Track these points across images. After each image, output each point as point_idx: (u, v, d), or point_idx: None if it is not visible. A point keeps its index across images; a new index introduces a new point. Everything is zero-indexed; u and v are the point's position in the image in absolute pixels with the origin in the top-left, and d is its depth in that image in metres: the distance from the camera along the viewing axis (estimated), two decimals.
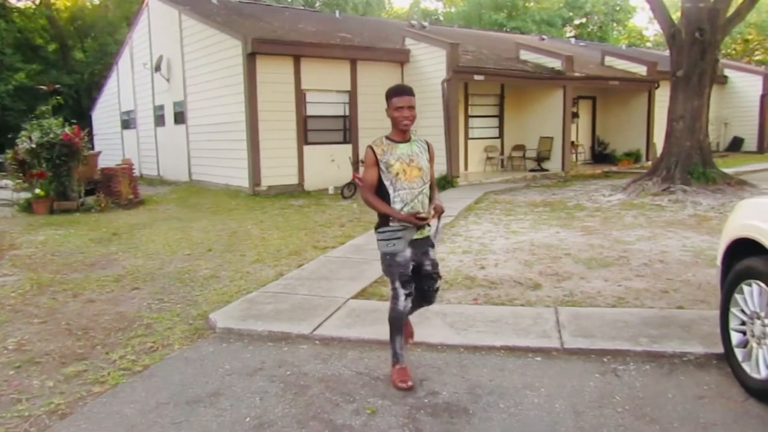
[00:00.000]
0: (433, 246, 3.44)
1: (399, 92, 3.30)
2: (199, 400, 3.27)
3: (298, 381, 3.48)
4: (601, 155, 18.94)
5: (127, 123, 20.81)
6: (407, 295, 3.32)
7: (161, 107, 17.60)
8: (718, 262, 3.51)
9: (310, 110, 13.60)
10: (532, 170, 16.08)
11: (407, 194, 3.29)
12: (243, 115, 12.78)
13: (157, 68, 16.92)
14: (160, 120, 17.86)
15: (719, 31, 11.47)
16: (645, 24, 48.09)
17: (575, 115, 17.94)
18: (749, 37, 41.09)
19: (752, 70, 24.19)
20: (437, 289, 3.51)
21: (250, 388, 3.40)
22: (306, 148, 13.51)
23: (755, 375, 3.03)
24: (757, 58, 40.73)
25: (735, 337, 3.25)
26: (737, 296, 3.20)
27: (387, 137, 3.37)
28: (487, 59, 15.55)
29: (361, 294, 5.15)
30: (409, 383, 3.32)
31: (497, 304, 4.81)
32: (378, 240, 3.31)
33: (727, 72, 23.54)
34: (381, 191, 3.31)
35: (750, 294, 3.09)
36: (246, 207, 11.13)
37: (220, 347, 4.04)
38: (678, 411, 2.98)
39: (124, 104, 20.92)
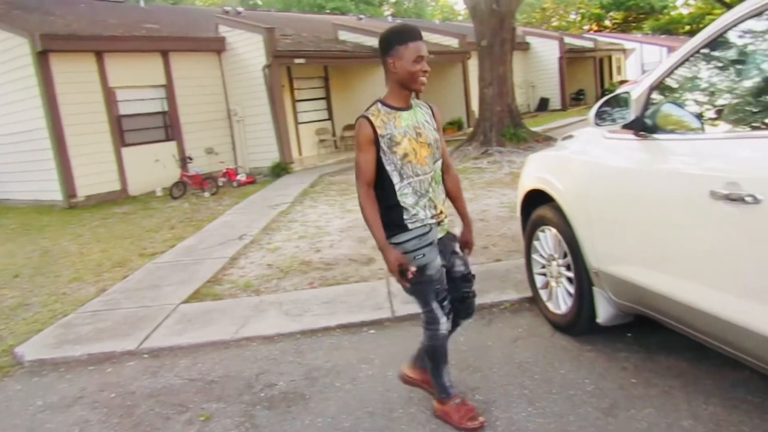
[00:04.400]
0: (457, 239, 2.62)
1: (412, 35, 2.32)
2: None
3: (125, 402, 3.22)
4: None
5: None
6: (448, 315, 2.51)
7: None
8: (518, 213, 3.82)
9: (124, 109, 12.60)
10: None
11: (420, 183, 2.39)
12: (43, 121, 11.44)
13: None
14: None
15: (513, 1, 12.45)
16: None
17: None
18: (546, 5, 45.30)
19: (549, 35, 26.77)
20: (474, 294, 2.64)
21: (68, 421, 3.08)
22: (125, 150, 12.52)
23: (557, 311, 3.36)
24: (554, 24, 45.14)
25: (539, 280, 3.57)
26: (535, 242, 3.51)
27: (383, 103, 2.41)
28: (307, 42, 15.50)
29: (194, 296, 4.90)
30: (481, 419, 2.55)
31: (332, 284, 4.84)
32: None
33: (528, 39, 25.80)
34: (378, 183, 2.41)
35: (545, 239, 3.41)
36: (61, 222, 10.08)
37: (30, 382, 3.62)
38: (497, 356, 3.22)
39: None
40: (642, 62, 32.62)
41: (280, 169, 13.46)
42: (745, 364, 2.20)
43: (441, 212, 2.46)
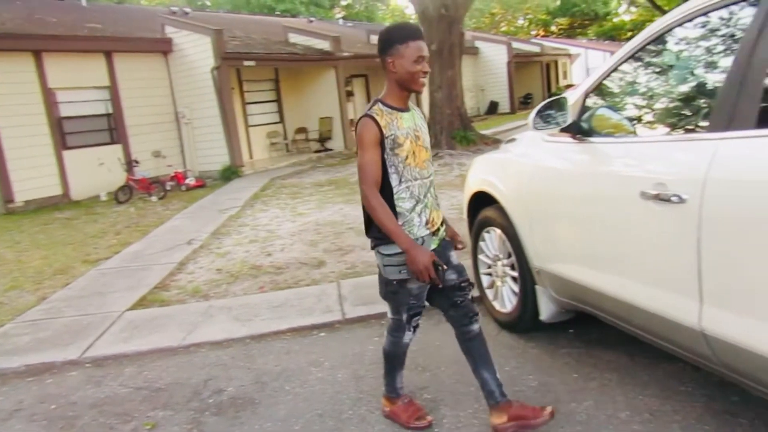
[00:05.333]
0: (452, 248, 2.55)
1: (413, 34, 2.25)
2: None
3: (66, 413, 3.13)
4: None
5: None
6: (415, 329, 2.52)
7: None
8: (464, 214, 3.90)
9: (65, 111, 12.18)
10: (316, 151, 16.36)
11: (419, 187, 2.32)
12: None
13: None
14: None
15: (461, 6, 12.67)
16: (406, 3, 51.35)
17: (350, 93, 18.60)
18: (495, 11, 46.17)
19: (498, 40, 27.32)
20: (472, 300, 2.52)
21: None
22: (66, 154, 12.09)
23: (502, 310, 3.45)
24: (502, 29, 46.05)
25: (485, 280, 3.66)
26: (481, 243, 3.59)
27: (383, 103, 2.31)
28: (257, 44, 15.35)
29: (140, 303, 4.79)
30: (429, 418, 2.59)
31: (283, 288, 4.82)
32: (385, 266, 2.35)
33: (477, 43, 26.26)
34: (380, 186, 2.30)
35: (490, 240, 3.49)
36: None
37: None
38: (445, 356, 3.28)
39: None
40: (587, 67, 33.63)
41: (230, 173, 13.28)
42: (677, 356, 2.31)
43: (434, 220, 2.38)
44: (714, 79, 2.19)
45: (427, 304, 2.50)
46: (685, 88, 2.43)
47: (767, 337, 1.75)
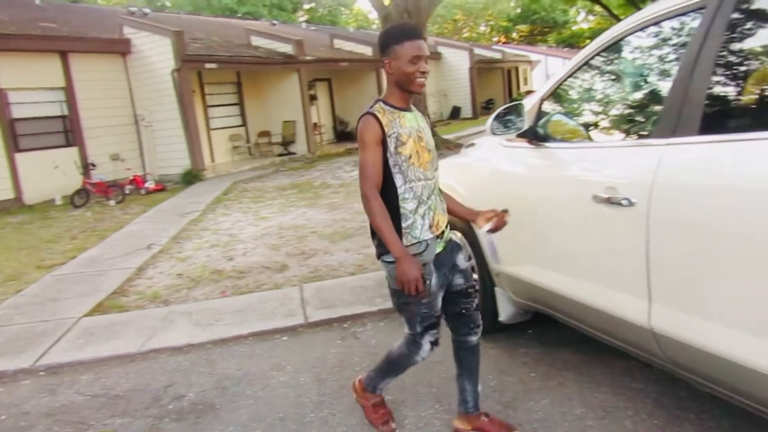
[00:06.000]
0: (460, 249, 2.42)
1: (414, 33, 2.19)
2: None
3: (18, 424, 3.04)
4: (343, 134, 19.97)
5: None
6: (433, 344, 2.34)
7: None
8: None
9: (18, 112, 11.82)
10: (280, 155, 16.27)
11: (423, 188, 2.23)
12: None
13: None
14: None
15: (423, 12, 12.80)
16: (369, 8, 51.57)
17: (314, 97, 18.57)
18: (457, 17, 46.75)
19: (460, 46, 27.66)
20: (477, 309, 2.44)
21: None
22: (19, 156, 11.73)
23: None
24: (465, 35, 46.65)
25: None
26: None
27: (385, 102, 2.24)
28: (218, 46, 15.19)
29: (97, 309, 4.69)
30: (393, 425, 2.57)
31: (245, 292, 4.78)
32: (390, 274, 2.22)
33: (440, 49, 26.52)
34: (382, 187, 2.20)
35: None
36: None
37: None
38: None
39: None
40: (547, 73, 34.33)
41: (191, 177, 13.09)
42: (630, 354, 2.39)
43: (439, 223, 2.28)
44: (662, 86, 2.28)
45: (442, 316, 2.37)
46: (635, 95, 2.53)
47: (711, 334, 1.84)
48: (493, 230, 2.36)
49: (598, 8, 22.86)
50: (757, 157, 1.71)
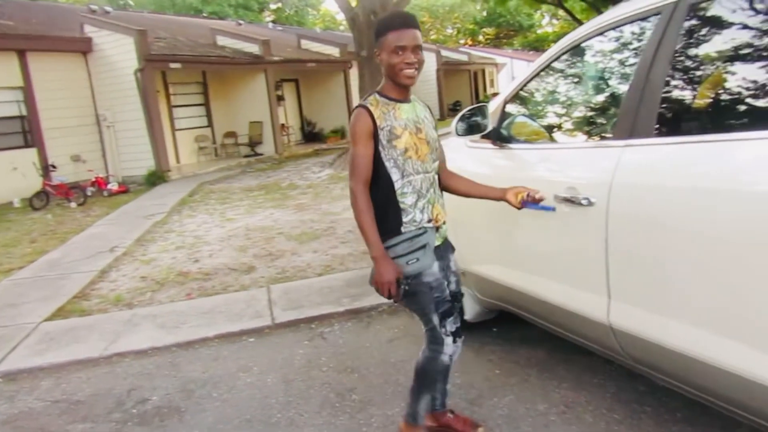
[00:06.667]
0: (454, 250, 2.40)
1: (397, 23, 2.10)
2: None
3: None
4: (311, 135, 19.90)
5: None
6: (455, 335, 2.22)
7: None
8: None
9: None
10: (246, 156, 16.12)
11: (421, 181, 2.17)
12: None
13: None
14: None
15: None
16: (337, 9, 51.47)
17: (281, 97, 18.45)
18: (424, 19, 46.99)
19: (427, 48, 27.68)
20: (462, 313, 2.41)
21: None
22: None
23: None
24: (432, 37, 46.93)
25: None
26: None
27: (380, 93, 2.18)
28: (183, 46, 14.98)
29: (58, 314, 4.59)
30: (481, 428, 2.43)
31: (211, 294, 4.74)
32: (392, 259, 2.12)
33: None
34: (374, 181, 2.13)
35: None
36: None
37: None
38: (374, 357, 3.33)
39: None
40: (513, 76, 34.76)
41: (156, 178, 12.87)
42: (591, 350, 2.46)
43: (438, 217, 2.23)
44: (620, 89, 2.35)
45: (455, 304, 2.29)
46: (595, 97, 2.59)
47: (667, 330, 1.90)
48: (527, 203, 2.24)
49: (562, 13, 23.28)
50: (710, 158, 1.78)
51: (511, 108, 2.83)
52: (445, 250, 2.30)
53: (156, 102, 13.32)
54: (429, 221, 2.18)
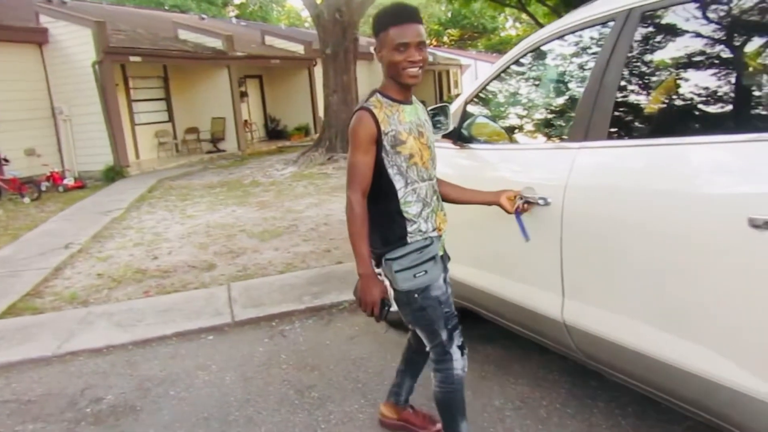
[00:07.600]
0: (449, 259, 2.28)
1: (399, 18, 1.91)
2: None
3: None
4: (274, 132, 19.73)
5: None
6: (462, 349, 2.10)
7: None
8: None
9: None
10: (209, 152, 15.90)
11: (425, 190, 2.04)
12: None
13: None
14: None
15: (355, 12, 12.83)
16: (302, 6, 51.10)
17: (244, 94, 18.24)
18: None
19: None
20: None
21: None
22: None
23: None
24: None
25: None
26: None
27: (382, 93, 1.99)
28: (144, 39, 14.66)
29: (9, 312, 4.45)
30: None
31: (170, 292, 4.67)
32: (396, 272, 1.98)
33: (372, 49, 26.62)
34: (375, 189, 1.98)
35: None
36: None
37: None
38: (334, 354, 3.34)
39: None
40: (477, 77, 35.10)
41: (114, 173, 12.58)
42: (546, 347, 2.52)
43: (441, 226, 2.12)
44: (577, 93, 2.42)
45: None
46: (552, 100, 2.66)
47: (617, 327, 1.97)
48: (521, 211, 2.22)
49: (525, 16, 23.63)
50: (658, 161, 1.85)
51: (472, 108, 2.88)
52: (445, 260, 2.20)
53: (115, 96, 13.00)
54: (434, 230, 2.07)
